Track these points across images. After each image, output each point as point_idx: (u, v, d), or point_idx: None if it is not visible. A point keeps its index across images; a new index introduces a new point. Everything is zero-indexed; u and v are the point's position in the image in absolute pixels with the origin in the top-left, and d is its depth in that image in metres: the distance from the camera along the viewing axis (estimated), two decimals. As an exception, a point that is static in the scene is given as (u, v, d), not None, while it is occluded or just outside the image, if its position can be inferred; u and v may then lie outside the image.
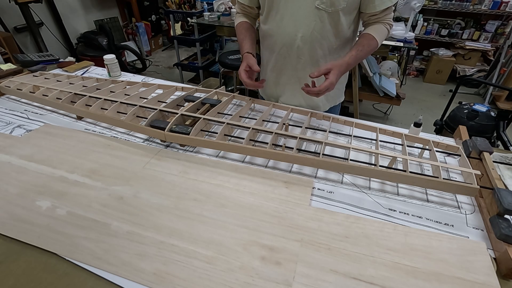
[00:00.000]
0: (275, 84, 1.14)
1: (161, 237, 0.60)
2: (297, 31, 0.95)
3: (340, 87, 1.17)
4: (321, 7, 0.88)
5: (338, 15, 0.90)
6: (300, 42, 0.96)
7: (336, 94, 1.16)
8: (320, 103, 1.12)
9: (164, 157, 0.84)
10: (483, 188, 0.69)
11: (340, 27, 0.93)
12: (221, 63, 2.49)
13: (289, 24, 0.95)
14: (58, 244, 0.59)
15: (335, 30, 0.94)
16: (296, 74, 1.05)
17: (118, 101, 0.98)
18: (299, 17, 0.92)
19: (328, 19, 0.91)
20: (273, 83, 1.15)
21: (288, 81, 1.09)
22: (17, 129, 0.97)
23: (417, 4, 2.30)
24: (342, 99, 1.21)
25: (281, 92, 1.14)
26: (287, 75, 1.08)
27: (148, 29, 4.43)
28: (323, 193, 0.74)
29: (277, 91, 1.16)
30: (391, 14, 0.95)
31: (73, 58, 1.62)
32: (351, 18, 0.94)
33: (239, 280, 0.53)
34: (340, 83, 1.15)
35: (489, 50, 3.64)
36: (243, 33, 1.05)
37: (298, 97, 1.10)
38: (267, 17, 1.00)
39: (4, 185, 0.73)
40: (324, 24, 0.92)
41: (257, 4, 1.05)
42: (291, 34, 0.96)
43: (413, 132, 0.90)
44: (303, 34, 0.94)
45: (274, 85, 1.15)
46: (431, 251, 0.59)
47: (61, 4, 3.29)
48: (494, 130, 1.73)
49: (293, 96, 1.11)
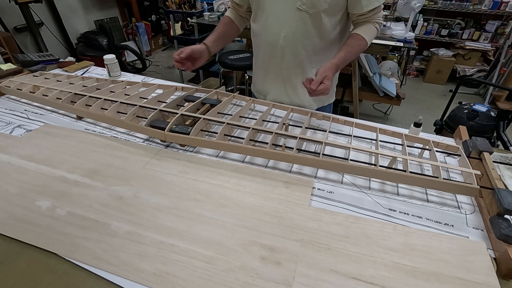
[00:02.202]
0: (263, 81, 1.16)
1: (161, 237, 0.60)
2: (280, 31, 0.96)
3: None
4: (302, 8, 0.90)
5: (320, 17, 0.91)
6: (283, 42, 0.98)
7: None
8: (306, 104, 1.13)
9: (164, 157, 0.84)
10: (483, 188, 0.69)
11: (323, 28, 0.94)
12: (221, 63, 2.49)
13: (273, 24, 0.97)
14: (58, 244, 0.59)
15: (318, 31, 0.95)
16: (281, 73, 1.07)
17: (118, 101, 0.98)
18: (282, 17, 0.94)
19: (310, 20, 0.92)
20: (262, 80, 1.17)
21: (274, 80, 1.11)
22: (17, 129, 0.97)
23: (417, 4, 2.30)
24: (332, 100, 1.22)
25: (269, 89, 1.16)
26: (273, 74, 1.10)
27: (148, 29, 4.43)
28: (323, 193, 0.74)
29: (264, 88, 1.18)
30: (380, 13, 0.95)
31: (73, 58, 1.62)
32: (335, 19, 0.94)
33: (239, 280, 0.53)
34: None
35: (489, 50, 3.64)
36: (217, 27, 1.10)
37: (283, 96, 1.11)
38: (255, 16, 1.02)
39: (4, 185, 0.73)
40: (306, 25, 0.93)
41: (245, 3, 1.07)
42: (275, 34, 0.98)
43: (413, 132, 0.90)
44: (286, 34, 0.96)
45: (262, 82, 1.17)
46: (431, 251, 0.59)
47: (61, 4, 3.29)
48: (494, 130, 1.74)
49: (279, 95, 1.13)
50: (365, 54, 2.55)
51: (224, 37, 1.11)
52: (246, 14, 1.12)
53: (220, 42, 1.11)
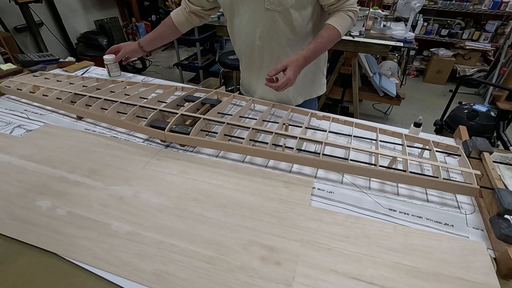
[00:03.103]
0: (248, 81, 1.20)
1: (161, 237, 0.60)
2: (255, 32, 0.99)
3: (314, 81, 1.18)
4: (270, 7, 0.91)
5: (289, 13, 0.92)
6: (259, 42, 1.01)
7: (308, 87, 1.18)
8: (291, 98, 1.15)
9: (164, 157, 0.84)
10: (483, 188, 0.69)
11: (295, 23, 0.95)
12: (221, 63, 2.49)
13: (247, 26, 0.99)
14: (58, 244, 0.59)
15: (290, 27, 0.97)
16: (262, 71, 1.09)
17: (118, 101, 0.98)
18: (254, 18, 0.96)
19: (280, 18, 0.94)
20: (247, 80, 1.21)
21: (257, 79, 1.14)
22: (17, 129, 0.97)
23: (417, 4, 2.30)
24: (319, 93, 1.23)
25: (254, 88, 1.18)
26: (255, 73, 1.13)
27: (148, 29, 4.43)
28: (323, 193, 0.74)
29: (251, 88, 1.21)
30: (350, 0, 0.94)
31: (73, 58, 1.62)
32: (306, 13, 0.95)
33: (239, 280, 0.53)
34: (312, 77, 1.16)
35: (489, 50, 3.64)
36: (158, 27, 1.20)
37: (269, 93, 1.13)
38: (231, 22, 1.05)
39: (4, 185, 0.73)
40: (277, 22, 0.95)
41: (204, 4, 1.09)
42: (250, 35, 1.01)
43: (413, 132, 0.90)
44: (260, 34, 0.99)
45: (248, 82, 1.21)
46: (431, 251, 0.59)
47: (61, 4, 3.29)
48: (494, 130, 1.74)
49: (265, 92, 1.14)
50: (365, 54, 2.55)
51: (162, 38, 1.21)
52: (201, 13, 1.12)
53: (156, 42, 1.22)
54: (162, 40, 1.23)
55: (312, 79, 1.17)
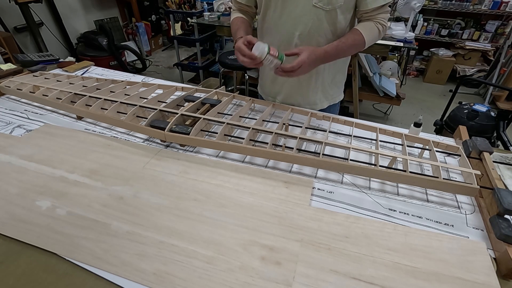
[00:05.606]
0: (273, 82, 1.14)
1: (161, 237, 0.60)
2: (294, 29, 0.95)
3: (339, 85, 1.17)
4: (319, 5, 0.89)
5: (336, 13, 0.91)
6: (298, 40, 0.97)
7: (334, 92, 1.16)
8: (317, 101, 1.12)
9: (164, 157, 0.84)
10: (483, 188, 0.69)
11: (337, 25, 0.94)
12: (221, 63, 2.49)
13: (287, 22, 0.95)
14: (58, 244, 0.59)
15: (332, 28, 0.94)
16: None
17: (118, 101, 0.98)
18: (297, 15, 0.93)
19: (326, 17, 0.91)
20: (271, 82, 1.15)
21: (286, 80, 1.09)
22: (17, 129, 0.97)
23: (417, 4, 2.30)
24: (341, 98, 1.22)
25: (279, 90, 1.14)
26: None
27: (148, 29, 4.44)
28: (323, 193, 0.74)
29: (275, 90, 1.16)
30: (385, 14, 0.93)
31: (73, 58, 1.62)
32: (349, 16, 0.95)
33: (239, 280, 0.53)
34: (339, 81, 1.15)
35: (489, 50, 3.64)
36: (238, 24, 1.02)
37: (295, 95, 1.11)
38: (264, 15, 1.00)
39: (4, 185, 0.73)
40: (322, 22, 0.92)
41: (254, 3, 1.05)
42: (289, 32, 0.96)
43: (413, 132, 0.90)
44: (301, 32, 0.95)
45: (272, 84, 1.15)
46: (431, 251, 0.59)
47: (61, 4, 3.29)
48: (494, 130, 1.74)
49: (291, 94, 1.12)
50: (365, 54, 2.55)
51: (250, 31, 1.02)
52: (254, 15, 1.10)
53: (250, 33, 1.00)
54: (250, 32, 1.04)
55: (339, 84, 1.16)
